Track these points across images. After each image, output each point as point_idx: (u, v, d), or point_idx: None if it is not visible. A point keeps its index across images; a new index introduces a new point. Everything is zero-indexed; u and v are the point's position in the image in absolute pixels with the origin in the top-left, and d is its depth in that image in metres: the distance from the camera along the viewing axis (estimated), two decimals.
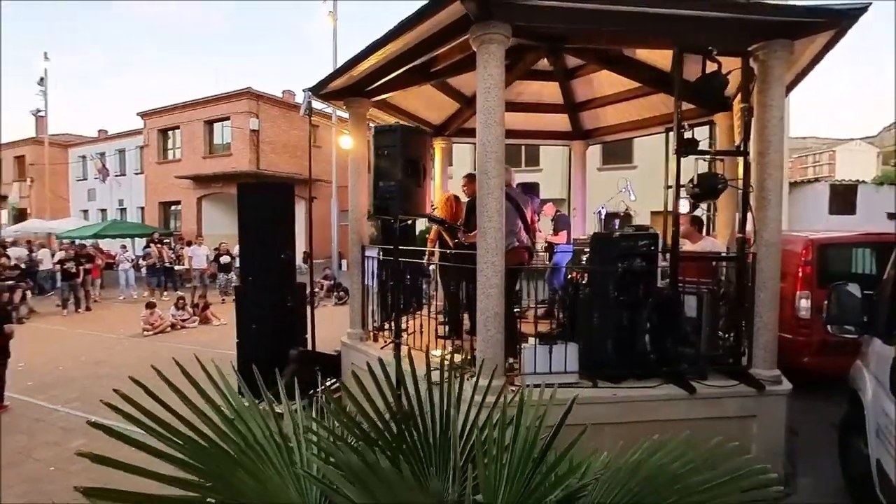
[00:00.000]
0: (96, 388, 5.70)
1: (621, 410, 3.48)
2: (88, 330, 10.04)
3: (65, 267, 12.08)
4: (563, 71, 6.28)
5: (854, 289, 3.04)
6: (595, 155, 15.89)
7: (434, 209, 6.20)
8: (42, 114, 25.28)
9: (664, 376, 3.65)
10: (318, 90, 5.34)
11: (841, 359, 3.74)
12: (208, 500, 0.94)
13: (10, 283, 10.43)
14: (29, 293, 12.08)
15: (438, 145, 7.69)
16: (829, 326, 3.15)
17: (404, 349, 4.47)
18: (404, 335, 5.17)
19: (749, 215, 3.75)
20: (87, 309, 12.32)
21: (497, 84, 3.52)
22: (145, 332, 9.40)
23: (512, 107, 7.35)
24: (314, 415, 1.50)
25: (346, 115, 6.26)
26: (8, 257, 12.92)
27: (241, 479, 0.96)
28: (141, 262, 15.32)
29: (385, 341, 5.03)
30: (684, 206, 4.37)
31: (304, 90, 5.46)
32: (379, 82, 5.05)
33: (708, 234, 5.71)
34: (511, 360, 3.98)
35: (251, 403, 1.18)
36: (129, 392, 1.02)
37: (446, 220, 5.38)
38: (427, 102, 6.61)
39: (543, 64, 5.96)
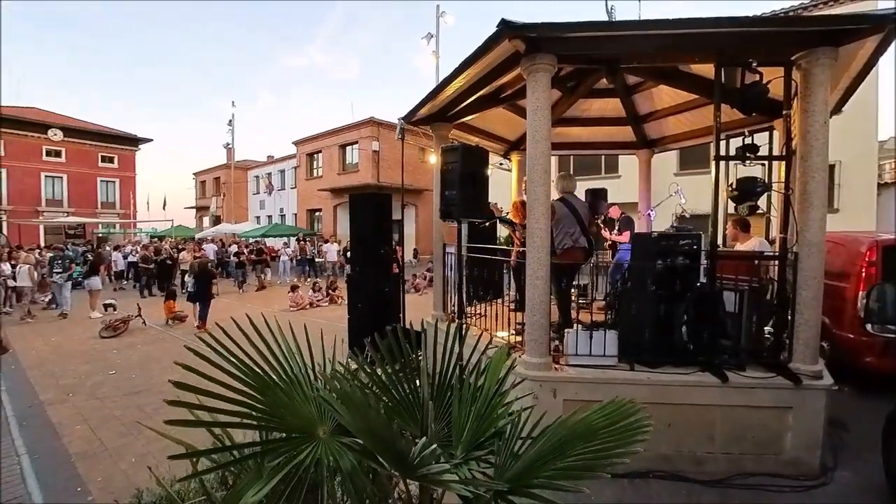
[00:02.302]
0: (248, 347, 6.89)
1: (654, 392, 3.33)
2: (254, 305, 11.62)
3: (239, 259, 14.10)
4: (623, 87, 5.98)
5: None
6: (672, 160, 14.63)
7: (506, 213, 6.31)
8: (230, 146, 29.56)
9: (700, 365, 3.43)
10: (409, 118, 5.68)
11: None
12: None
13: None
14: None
15: (515, 158, 7.70)
16: (868, 325, 2.75)
17: (476, 330, 4.71)
18: (477, 318, 5.38)
19: (792, 216, 3.35)
20: (262, 288, 14.16)
21: (543, 106, 3.54)
22: (290, 308, 10.68)
23: (579, 122, 7.14)
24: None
25: None
26: (204, 250, 15.39)
27: (276, 394, 1.25)
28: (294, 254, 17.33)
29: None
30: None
31: (398, 119, 5.87)
32: (456, 109, 5.26)
33: (766, 234, 5.11)
34: (557, 342, 3.98)
35: (299, 353, 1.47)
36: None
37: (515, 223, 5.47)
38: (502, 122, 6.65)
39: (605, 83, 5.74)
